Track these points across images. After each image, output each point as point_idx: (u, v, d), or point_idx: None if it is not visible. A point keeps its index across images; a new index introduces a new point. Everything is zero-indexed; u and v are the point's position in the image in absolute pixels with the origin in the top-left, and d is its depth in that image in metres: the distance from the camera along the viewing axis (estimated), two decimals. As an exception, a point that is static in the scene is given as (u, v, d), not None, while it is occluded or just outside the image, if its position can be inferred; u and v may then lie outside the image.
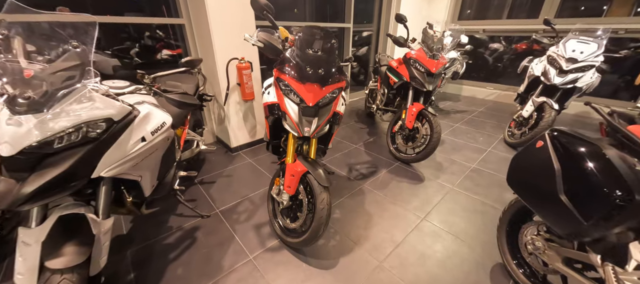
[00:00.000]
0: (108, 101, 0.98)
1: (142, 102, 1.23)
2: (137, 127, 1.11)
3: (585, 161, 0.86)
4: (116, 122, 1.00)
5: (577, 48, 2.57)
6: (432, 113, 2.39)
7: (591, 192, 0.83)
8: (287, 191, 1.51)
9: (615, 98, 3.83)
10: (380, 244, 1.64)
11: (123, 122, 1.03)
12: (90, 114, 0.92)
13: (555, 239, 1.17)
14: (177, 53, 2.86)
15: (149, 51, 2.79)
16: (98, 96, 0.96)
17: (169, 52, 2.89)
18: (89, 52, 0.93)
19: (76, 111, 0.89)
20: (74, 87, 0.90)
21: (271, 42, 1.41)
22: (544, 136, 1.01)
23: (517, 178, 1.14)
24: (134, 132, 1.09)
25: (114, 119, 0.99)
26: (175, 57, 2.83)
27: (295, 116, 1.42)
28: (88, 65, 0.93)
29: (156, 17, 2.53)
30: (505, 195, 2.09)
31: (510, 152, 2.80)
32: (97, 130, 0.95)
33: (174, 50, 2.89)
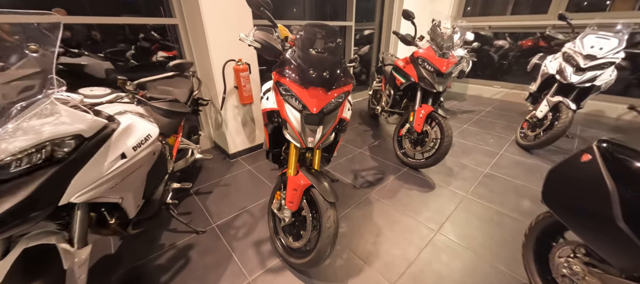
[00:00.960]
0: (77, 115, 0.83)
1: (123, 113, 1.09)
2: (115, 143, 0.96)
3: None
4: (88, 139, 0.85)
5: (596, 44, 2.41)
6: (443, 115, 2.24)
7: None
8: (288, 207, 1.37)
9: (627, 95, 3.64)
10: (391, 262, 1.49)
11: (97, 138, 0.89)
12: (55, 130, 0.77)
13: (598, 263, 1.02)
14: (173, 55, 2.72)
15: (145, 53, 2.65)
16: (64, 109, 0.81)
17: (165, 54, 2.75)
18: (51, 57, 0.78)
19: (37, 127, 0.75)
20: (34, 100, 0.76)
21: (269, 42, 1.27)
22: (591, 149, 0.86)
23: (557, 197, 0.99)
24: (112, 149, 0.95)
25: (84, 136, 0.85)
26: (171, 59, 2.68)
27: (297, 125, 1.27)
28: (50, 73, 0.78)
29: (148, 18, 2.38)
30: (522, 203, 1.94)
31: (523, 156, 2.65)
32: (65, 149, 0.80)
33: (170, 52, 2.74)
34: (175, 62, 1.27)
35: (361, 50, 4.85)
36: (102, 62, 2.49)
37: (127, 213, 1.11)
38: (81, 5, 2.09)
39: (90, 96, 1.01)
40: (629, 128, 3.27)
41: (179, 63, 1.28)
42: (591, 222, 0.84)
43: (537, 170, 2.38)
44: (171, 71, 1.28)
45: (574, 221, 0.93)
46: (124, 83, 1.11)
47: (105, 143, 0.94)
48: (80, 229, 0.95)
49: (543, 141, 2.57)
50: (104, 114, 0.99)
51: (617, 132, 3.16)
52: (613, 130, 3.22)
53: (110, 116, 1.02)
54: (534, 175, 2.30)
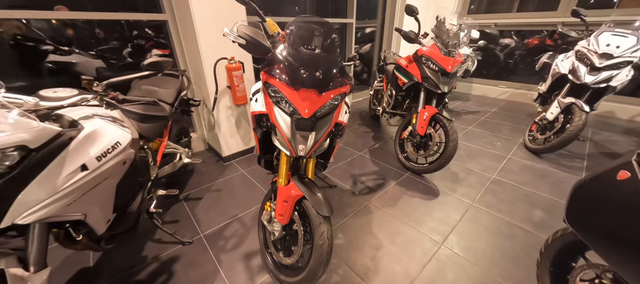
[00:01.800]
0: (20, 122, 0.71)
1: (90, 117, 0.96)
2: (74, 153, 0.84)
3: None
4: (35, 150, 0.73)
5: (613, 42, 2.26)
6: (447, 118, 2.10)
7: None
8: (278, 220, 1.24)
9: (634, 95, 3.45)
10: (392, 280, 1.36)
11: (48, 148, 0.76)
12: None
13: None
14: (167, 53, 2.61)
15: (140, 51, 2.53)
16: (3, 115, 0.69)
17: (159, 52, 2.63)
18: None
19: (-33, 138, 0.63)
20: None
21: (256, 38, 1.14)
22: (630, 164, 0.73)
23: (584, 218, 0.85)
24: (70, 160, 0.83)
25: (29, 146, 0.72)
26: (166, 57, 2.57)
27: (287, 131, 1.15)
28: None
29: (134, 13, 2.26)
30: (534, 213, 1.80)
31: (532, 160, 2.51)
32: (6, 162, 0.68)
33: (165, 50, 2.63)
34: (151, 60, 1.14)
35: (362, 48, 4.71)
36: (93, 60, 2.38)
37: (95, 230, 0.99)
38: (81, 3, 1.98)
39: (50, 99, 0.88)
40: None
41: (155, 61, 1.15)
42: (629, 250, 0.71)
43: (547, 176, 2.23)
44: (146, 70, 1.16)
45: (606, 247, 0.80)
46: (90, 83, 0.99)
47: (60, 154, 0.81)
48: (36, 251, 0.84)
49: (554, 145, 2.43)
50: (65, 120, 0.87)
51: (631, 135, 3.00)
52: (626, 133, 3.06)
53: (72, 122, 0.90)
54: (544, 182, 2.15)
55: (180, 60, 2.49)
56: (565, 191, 2.03)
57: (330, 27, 1.22)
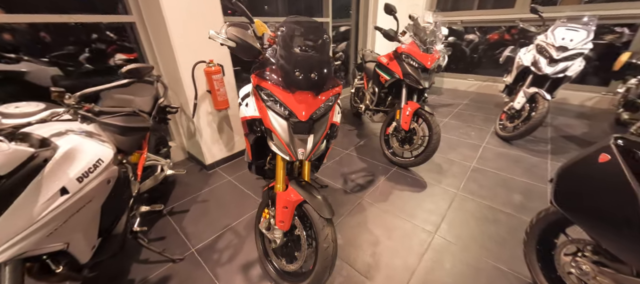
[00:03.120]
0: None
1: (64, 134, 0.86)
2: (51, 176, 0.74)
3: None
4: (5, 177, 0.64)
5: (567, 36, 2.50)
6: (429, 112, 2.18)
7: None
8: (279, 227, 1.21)
9: (583, 83, 3.87)
10: (393, 274, 1.39)
11: (20, 173, 0.67)
12: None
13: (608, 262, 0.99)
14: (134, 57, 2.41)
15: (101, 56, 2.31)
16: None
17: (124, 56, 2.43)
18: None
19: None
20: None
21: (246, 40, 1.09)
22: (609, 148, 0.80)
23: (571, 199, 0.93)
24: (47, 184, 0.73)
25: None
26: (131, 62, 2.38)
27: (284, 135, 1.11)
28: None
29: (98, 15, 2.06)
30: (513, 197, 1.94)
31: (504, 147, 2.70)
32: None
33: (131, 54, 2.43)
34: (130, 67, 1.04)
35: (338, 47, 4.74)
36: (47, 68, 2.13)
37: (78, 259, 0.89)
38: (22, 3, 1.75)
39: (12, 115, 0.77)
40: (591, 114, 3.49)
41: (135, 68, 1.06)
42: (614, 226, 0.78)
43: (519, 161, 2.42)
44: (125, 77, 1.06)
45: (591, 223, 0.88)
46: (61, 96, 0.88)
47: (35, 178, 0.71)
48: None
49: (522, 132, 2.64)
50: (34, 139, 0.76)
51: (582, 118, 3.35)
52: (578, 116, 3.42)
53: (43, 140, 0.79)
54: (518, 167, 2.33)
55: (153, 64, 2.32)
56: (537, 174, 2.21)
57: (320, 27, 1.20)
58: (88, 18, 2.01)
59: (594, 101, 3.74)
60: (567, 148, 2.63)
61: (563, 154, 2.51)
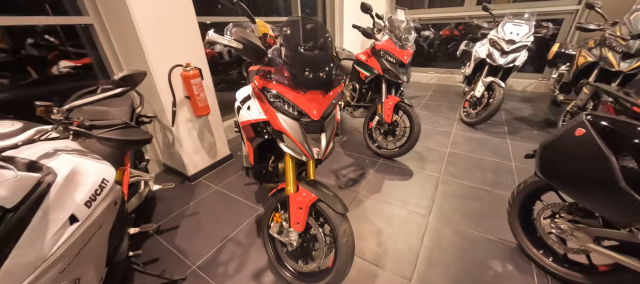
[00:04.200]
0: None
1: (54, 154, 0.74)
2: (56, 203, 0.64)
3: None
4: (12, 210, 0.54)
5: (514, 30, 2.87)
6: (408, 104, 2.33)
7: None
8: (295, 229, 1.20)
9: (523, 72, 4.48)
10: (401, 258, 1.47)
11: (27, 204, 0.57)
12: None
13: (581, 219, 1.18)
14: (82, 64, 2.14)
15: (39, 65, 2.00)
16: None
17: (70, 63, 2.14)
18: None
19: None
20: None
21: (253, 41, 1.05)
22: (583, 123, 0.97)
23: (555, 170, 1.09)
24: (54, 213, 0.63)
25: (5, 206, 0.53)
26: (80, 70, 2.11)
27: (297, 135, 1.11)
28: None
29: (47, 16, 1.79)
30: (487, 175, 2.18)
31: (470, 131, 3.00)
32: None
33: (79, 60, 2.15)
34: (123, 75, 0.93)
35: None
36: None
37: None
38: None
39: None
40: (532, 97, 4.05)
41: (129, 75, 0.95)
42: (594, 188, 0.95)
43: (485, 143, 2.72)
44: (118, 86, 0.94)
45: (572, 187, 1.05)
46: (49, 111, 0.75)
47: (40, 207, 0.61)
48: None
49: (484, 117, 2.96)
50: (20, 162, 0.65)
51: (526, 102, 3.87)
52: (523, 100, 3.94)
53: (31, 164, 0.68)
54: (484, 148, 2.62)
55: (116, 70, 2.09)
56: (502, 153, 2.51)
57: (323, 25, 1.21)
58: (33, 20, 1.74)
59: (533, 86, 4.35)
60: (520, 128, 3.03)
61: (518, 133, 2.89)
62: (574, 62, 2.88)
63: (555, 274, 1.31)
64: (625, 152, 0.87)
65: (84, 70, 2.16)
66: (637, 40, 2.23)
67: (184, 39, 1.98)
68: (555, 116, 3.25)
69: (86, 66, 2.16)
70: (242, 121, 1.29)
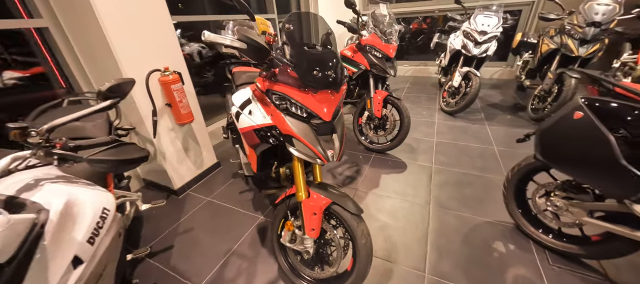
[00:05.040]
0: None
1: (37, 186, 0.62)
2: (54, 246, 0.53)
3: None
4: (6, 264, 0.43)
5: (485, 22, 3.03)
6: (397, 97, 2.36)
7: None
8: (310, 235, 1.15)
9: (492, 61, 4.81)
10: (411, 251, 1.49)
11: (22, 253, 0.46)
12: None
13: (574, 196, 1.28)
14: (31, 74, 1.89)
15: None
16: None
17: (18, 73, 1.87)
18: None
19: None
20: None
21: (257, 41, 0.97)
22: (581, 107, 1.03)
23: (556, 152, 1.16)
24: (53, 259, 0.52)
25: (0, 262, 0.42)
26: (31, 81, 1.85)
27: (309, 138, 1.05)
28: None
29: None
30: (475, 161, 2.29)
31: (451, 120, 3.14)
32: None
33: (27, 70, 1.89)
34: (111, 85, 0.80)
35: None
36: None
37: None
38: None
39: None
40: (500, 84, 4.35)
41: (116, 84, 0.81)
42: (595, 167, 1.02)
43: (466, 130, 2.86)
44: (105, 98, 0.80)
45: (570, 166, 1.12)
46: (25, 134, 0.62)
47: (35, 255, 0.50)
48: None
49: (463, 106, 3.11)
50: (18, 202, 0.53)
51: (495, 89, 4.15)
52: (493, 87, 4.21)
53: (12, 201, 0.55)
54: (467, 135, 2.75)
55: (80, 80, 1.86)
56: (483, 138, 2.65)
57: (324, 21, 1.16)
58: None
59: (500, 74, 4.67)
60: (495, 114, 3.23)
61: (494, 119, 3.08)
62: (537, 50, 3.13)
63: (553, 248, 1.40)
64: (621, 130, 0.95)
65: (34, 81, 1.90)
66: (592, 27, 2.47)
67: (158, 41, 1.81)
68: (523, 101, 3.51)
69: (38, 76, 1.90)
70: (243, 127, 1.20)
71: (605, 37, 2.52)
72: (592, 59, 2.59)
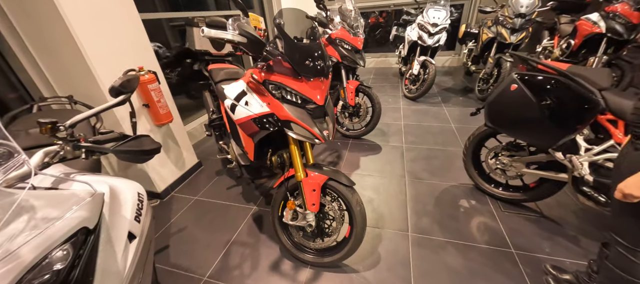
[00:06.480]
0: (59, 196, 0.46)
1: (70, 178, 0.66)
2: (112, 224, 0.59)
3: (556, 90, 1.20)
4: (93, 231, 0.49)
5: (436, 15, 3.41)
6: (367, 86, 2.59)
7: (566, 109, 1.18)
8: (312, 210, 1.28)
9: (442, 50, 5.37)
10: (395, 217, 1.71)
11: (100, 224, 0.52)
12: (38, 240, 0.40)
13: (515, 153, 1.60)
14: None
15: None
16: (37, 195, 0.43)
17: None
18: None
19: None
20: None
21: (255, 35, 1.06)
22: (514, 80, 1.32)
23: (500, 118, 1.45)
24: (115, 232, 0.58)
25: (90, 227, 0.48)
26: None
27: (307, 122, 1.18)
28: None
29: None
30: (437, 137, 2.62)
31: (414, 104, 3.49)
32: (57, 265, 0.44)
33: None
34: (122, 81, 0.82)
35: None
36: None
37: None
38: None
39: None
40: (451, 71, 4.89)
41: (127, 80, 0.83)
42: (525, 124, 1.32)
43: (427, 113, 3.22)
44: (118, 93, 0.82)
45: (511, 129, 1.42)
46: (55, 129, 0.65)
47: (101, 229, 0.56)
48: None
49: (423, 91, 3.47)
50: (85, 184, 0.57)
51: (447, 75, 4.66)
52: (445, 74, 4.73)
53: None
54: (428, 116, 3.10)
55: (40, 84, 1.72)
56: (442, 118, 3.02)
57: (307, 14, 1.28)
58: None
59: (449, 62, 5.23)
60: (449, 97, 3.66)
61: (449, 101, 3.50)
62: (479, 39, 3.62)
63: (503, 198, 1.74)
64: (542, 95, 1.25)
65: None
66: (519, 18, 2.96)
67: (129, 39, 1.75)
68: (471, 84, 4.03)
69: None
70: (241, 117, 1.27)
71: (529, 27, 3.04)
72: (521, 45, 3.11)
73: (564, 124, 1.22)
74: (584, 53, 2.88)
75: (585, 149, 1.27)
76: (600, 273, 1.01)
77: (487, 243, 1.48)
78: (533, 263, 1.35)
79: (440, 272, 1.35)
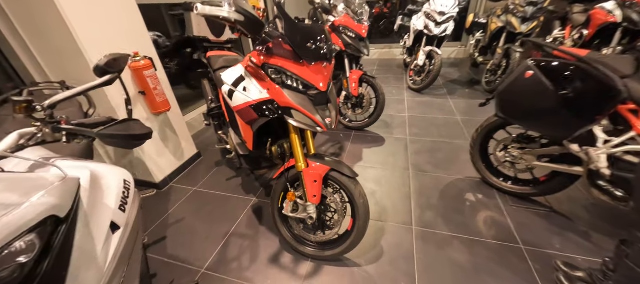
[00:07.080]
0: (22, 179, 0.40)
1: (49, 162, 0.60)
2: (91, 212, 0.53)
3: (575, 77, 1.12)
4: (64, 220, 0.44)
5: (443, 3, 3.29)
6: (371, 76, 2.50)
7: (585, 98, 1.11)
8: (313, 202, 1.23)
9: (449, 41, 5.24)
10: (398, 210, 1.65)
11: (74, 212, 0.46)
12: None
13: (526, 146, 1.53)
14: None
15: None
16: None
17: None
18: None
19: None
20: None
21: (252, 12, 0.98)
22: (530, 67, 1.24)
23: (512, 107, 1.37)
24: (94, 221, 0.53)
25: (59, 215, 0.43)
26: None
27: (308, 108, 1.11)
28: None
29: None
30: (442, 130, 2.55)
31: (418, 97, 3.41)
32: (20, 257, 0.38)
33: None
34: (108, 60, 0.76)
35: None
36: None
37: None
38: None
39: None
40: (457, 62, 4.77)
41: (113, 59, 0.77)
42: (541, 114, 1.24)
43: (432, 105, 3.13)
44: (103, 73, 0.76)
45: (527, 119, 1.34)
46: (30, 108, 0.59)
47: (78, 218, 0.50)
48: None
49: (428, 83, 3.38)
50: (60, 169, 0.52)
51: (453, 67, 4.55)
52: (451, 65, 4.61)
53: None
54: (433, 108, 3.02)
55: (31, 69, 1.67)
56: (447, 110, 2.94)
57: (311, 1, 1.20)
58: None
59: (456, 53, 5.10)
60: (455, 89, 3.57)
61: (455, 93, 3.40)
62: (487, 29, 3.50)
63: (512, 192, 1.67)
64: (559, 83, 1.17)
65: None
66: (531, 6, 2.84)
67: (124, 24, 1.68)
68: (477, 76, 3.92)
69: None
70: (239, 104, 1.21)
71: (540, 16, 2.92)
72: (531, 35, 2.99)
73: (582, 114, 1.14)
74: (597, 44, 2.76)
75: (603, 141, 1.20)
76: (617, 271, 0.95)
77: (494, 237, 1.43)
78: (543, 259, 1.30)
79: (444, 267, 1.31)
